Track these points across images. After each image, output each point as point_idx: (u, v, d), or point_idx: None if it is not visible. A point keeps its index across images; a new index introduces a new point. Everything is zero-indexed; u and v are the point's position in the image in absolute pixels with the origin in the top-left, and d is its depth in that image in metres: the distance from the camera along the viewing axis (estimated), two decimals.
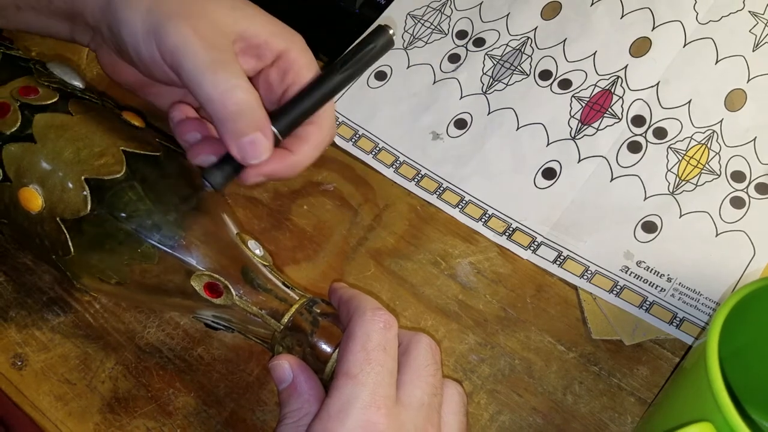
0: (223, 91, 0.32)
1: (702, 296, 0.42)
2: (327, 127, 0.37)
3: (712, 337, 0.28)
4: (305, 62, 0.37)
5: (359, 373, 0.29)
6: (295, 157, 0.36)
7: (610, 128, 0.47)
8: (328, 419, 0.29)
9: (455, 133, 0.50)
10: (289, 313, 0.35)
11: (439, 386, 0.32)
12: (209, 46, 0.33)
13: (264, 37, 0.36)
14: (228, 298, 0.35)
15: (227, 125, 0.33)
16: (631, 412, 0.39)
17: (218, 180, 0.34)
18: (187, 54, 0.33)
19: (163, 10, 0.33)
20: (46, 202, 0.35)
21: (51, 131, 0.37)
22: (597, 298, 0.43)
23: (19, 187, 0.36)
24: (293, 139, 0.36)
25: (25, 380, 0.40)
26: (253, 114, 0.33)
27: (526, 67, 0.51)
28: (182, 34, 0.33)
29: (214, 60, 0.33)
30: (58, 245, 0.36)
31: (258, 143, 0.33)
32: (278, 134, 0.34)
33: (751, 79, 0.47)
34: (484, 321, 0.43)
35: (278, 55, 0.36)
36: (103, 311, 0.43)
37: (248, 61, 0.36)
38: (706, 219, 0.44)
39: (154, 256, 0.36)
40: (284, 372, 0.32)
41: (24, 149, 0.36)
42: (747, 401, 0.38)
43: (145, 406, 0.40)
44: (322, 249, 0.46)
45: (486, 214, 0.47)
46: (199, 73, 0.32)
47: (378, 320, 0.31)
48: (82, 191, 0.35)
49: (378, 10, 0.56)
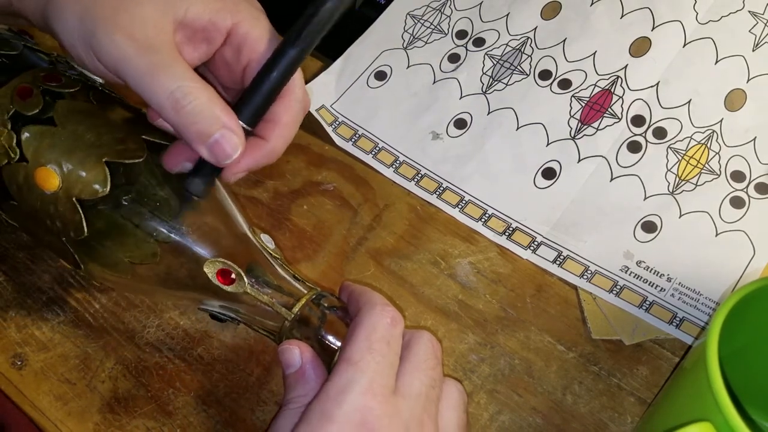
0: (169, 96, 0.30)
1: (702, 296, 0.42)
2: (295, 101, 0.34)
3: (712, 337, 0.28)
4: (258, 34, 0.33)
5: (360, 361, 0.30)
6: (270, 143, 0.34)
7: (609, 128, 0.47)
8: (326, 400, 0.29)
9: (455, 133, 0.50)
10: (299, 304, 0.35)
11: (439, 380, 0.32)
12: (145, 50, 0.30)
13: (207, 17, 0.33)
14: (240, 285, 0.35)
15: (187, 130, 0.31)
16: (631, 412, 0.39)
17: (199, 188, 0.33)
18: (124, 64, 0.30)
19: (94, 16, 0.31)
20: (63, 182, 0.35)
21: (72, 116, 0.37)
22: (597, 298, 0.43)
23: (36, 166, 0.35)
24: (263, 124, 0.34)
25: (24, 380, 0.40)
26: (211, 111, 0.31)
27: (525, 67, 0.51)
28: (115, 43, 0.30)
29: (152, 64, 0.30)
30: (71, 226, 0.36)
31: (225, 141, 0.31)
32: (246, 126, 0.32)
33: (750, 79, 0.47)
34: (483, 321, 0.43)
35: (228, 32, 0.33)
36: (103, 311, 0.43)
37: (198, 48, 0.34)
38: (705, 219, 0.44)
39: (169, 241, 0.36)
40: (294, 357, 0.32)
41: (44, 131, 0.36)
42: (747, 401, 0.38)
43: (144, 406, 0.40)
44: (321, 249, 0.46)
45: (486, 214, 0.47)
46: (141, 83, 0.30)
47: (386, 315, 0.32)
48: (101, 173, 0.35)
49: (378, 10, 0.56)
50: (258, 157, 0.34)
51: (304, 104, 0.35)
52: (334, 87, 0.53)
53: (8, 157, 0.36)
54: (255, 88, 0.32)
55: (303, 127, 0.51)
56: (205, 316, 0.43)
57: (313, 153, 0.51)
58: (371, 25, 0.55)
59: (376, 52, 0.54)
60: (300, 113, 0.35)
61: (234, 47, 0.34)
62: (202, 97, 0.31)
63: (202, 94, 0.31)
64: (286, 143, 0.35)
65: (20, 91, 0.37)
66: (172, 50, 0.31)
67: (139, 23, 0.31)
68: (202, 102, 0.31)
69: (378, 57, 0.54)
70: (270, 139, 0.34)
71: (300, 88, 0.35)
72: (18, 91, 0.37)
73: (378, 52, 0.54)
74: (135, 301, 0.43)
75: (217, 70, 0.36)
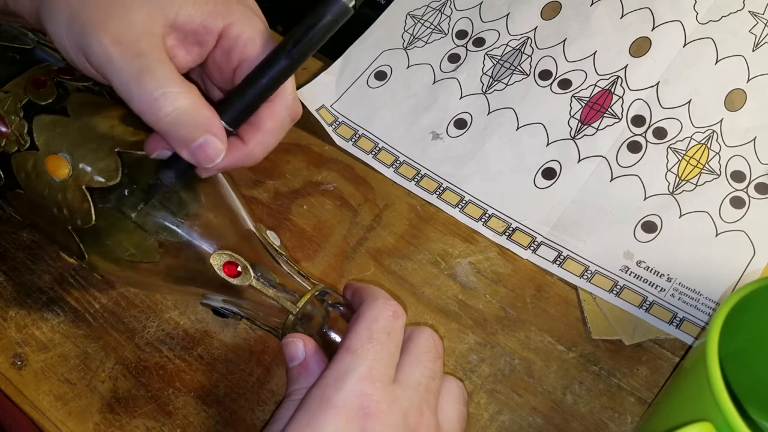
0: (152, 102, 0.30)
1: (702, 296, 0.42)
2: (283, 108, 0.34)
3: (712, 337, 0.28)
4: (249, 35, 0.33)
5: (359, 349, 0.30)
6: (248, 147, 0.33)
7: (610, 128, 0.47)
8: (325, 386, 0.29)
9: (455, 133, 0.50)
10: (304, 299, 0.35)
11: (439, 372, 0.32)
12: (132, 55, 0.30)
13: (199, 20, 0.32)
14: (246, 278, 0.36)
15: (170, 136, 0.31)
16: (631, 412, 0.39)
17: (170, 180, 0.33)
18: (110, 68, 0.30)
19: (84, 19, 0.30)
20: (73, 169, 0.35)
21: (85, 108, 0.37)
22: (597, 298, 0.43)
23: (47, 154, 0.36)
24: (246, 126, 0.33)
25: (24, 380, 0.40)
26: (195, 116, 0.31)
27: (525, 67, 0.51)
28: (103, 48, 0.30)
29: (138, 70, 0.30)
30: (78, 214, 0.36)
31: (207, 146, 0.31)
32: (227, 127, 0.32)
33: (751, 79, 0.47)
34: (483, 321, 0.43)
35: (220, 34, 0.33)
36: (103, 311, 0.43)
37: (191, 51, 0.33)
38: (706, 219, 0.44)
39: (176, 232, 0.36)
40: (298, 350, 0.33)
41: (56, 120, 0.36)
42: (747, 401, 0.38)
43: (144, 406, 0.40)
44: (322, 249, 0.46)
45: (486, 214, 0.47)
46: (126, 88, 0.30)
47: (388, 308, 0.32)
48: (113, 162, 0.35)
49: (378, 10, 0.56)
50: (234, 159, 0.33)
51: (293, 112, 0.35)
52: (334, 87, 0.53)
53: (19, 144, 0.36)
54: (242, 91, 0.32)
55: (303, 127, 0.52)
56: (205, 316, 0.43)
57: (313, 153, 0.51)
58: (371, 25, 0.55)
59: (376, 52, 0.54)
60: (286, 120, 0.35)
61: (224, 49, 0.33)
62: (185, 102, 0.30)
63: (186, 99, 0.30)
64: (266, 149, 0.34)
65: (34, 81, 0.37)
66: (158, 54, 0.31)
67: (127, 27, 0.30)
68: (185, 107, 0.30)
69: (378, 57, 0.54)
70: (249, 142, 0.34)
71: (290, 95, 0.34)
72: (32, 81, 0.37)
73: (378, 52, 0.54)
74: (135, 301, 0.43)
75: (210, 72, 0.36)
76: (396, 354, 0.31)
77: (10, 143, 0.36)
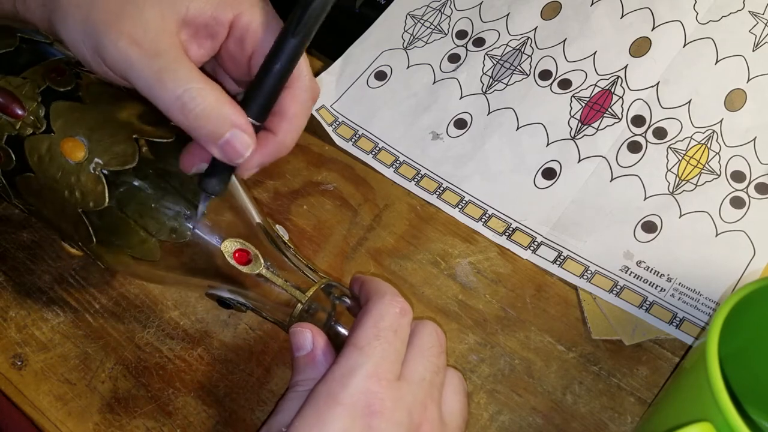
0: (176, 101, 0.30)
1: (702, 296, 0.42)
2: (302, 89, 0.34)
3: (712, 337, 0.28)
4: (259, 23, 0.33)
5: (366, 346, 0.30)
6: (279, 136, 0.34)
7: (610, 128, 0.47)
8: (332, 382, 0.29)
9: (455, 133, 0.50)
10: (312, 289, 0.35)
11: (442, 367, 0.33)
12: (150, 54, 0.30)
13: (209, 12, 0.32)
14: (256, 265, 0.36)
15: (197, 133, 0.31)
16: (631, 412, 0.39)
17: (216, 188, 0.33)
18: (130, 71, 0.30)
19: (97, 22, 0.30)
20: (90, 153, 0.36)
21: (103, 97, 0.37)
22: (597, 298, 0.43)
23: (63, 137, 0.36)
24: (272, 117, 0.34)
25: (24, 380, 0.40)
26: (219, 112, 0.31)
27: (526, 67, 0.51)
28: (120, 50, 0.30)
29: (158, 69, 0.30)
30: (91, 197, 0.36)
31: (236, 140, 0.31)
32: (255, 122, 0.32)
33: (751, 79, 0.47)
34: (483, 321, 0.43)
35: (230, 25, 0.33)
36: (103, 311, 0.43)
37: (203, 44, 0.34)
38: (706, 219, 0.44)
39: (189, 218, 0.36)
40: (305, 340, 0.33)
41: (74, 106, 0.37)
42: (747, 401, 0.38)
43: (145, 406, 0.40)
44: (321, 249, 0.46)
45: (486, 214, 0.47)
46: (148, 89, 0.30)
47: (395, 305, 0.32)
48: (131, 146, 0.35)
49: (378, 10, 0.56)
50: (269, 152, 0.34)
51: (313, 92, 0.35)
52: (334, 87, 0.53)
53: (34, 127, 0.36)
54: (260, 82, 0.32)
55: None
56: (205, 316, 0.43)
57: (313, 153, 0.51)
58: (371, 25, 0.55)
59: (376, 52, 0.54)
60: (308, 102, 0.35)
61: (236, 39, 0.34)
62: (209, 98, 0.31)
63: (210, 95, 0.31)
64: (296, 135, 0.35)
65: (54, 69, 0.38)
66: (177, 52, 0.31)
67: (142, 27, 0.30)
68: (210, 103, 0.30)
69: (378, 57, 0.54)
70: (279, 132, 0.34)
71: (307, 74, 0.34)
72: (51, 69, 0.38)
73: (378, 52, 0.54)
74: (135, 301, 0.43)
75: (225, 64, 0.36)
76: (402, 351, 0.31)
77: (25, 126, 0.36)
